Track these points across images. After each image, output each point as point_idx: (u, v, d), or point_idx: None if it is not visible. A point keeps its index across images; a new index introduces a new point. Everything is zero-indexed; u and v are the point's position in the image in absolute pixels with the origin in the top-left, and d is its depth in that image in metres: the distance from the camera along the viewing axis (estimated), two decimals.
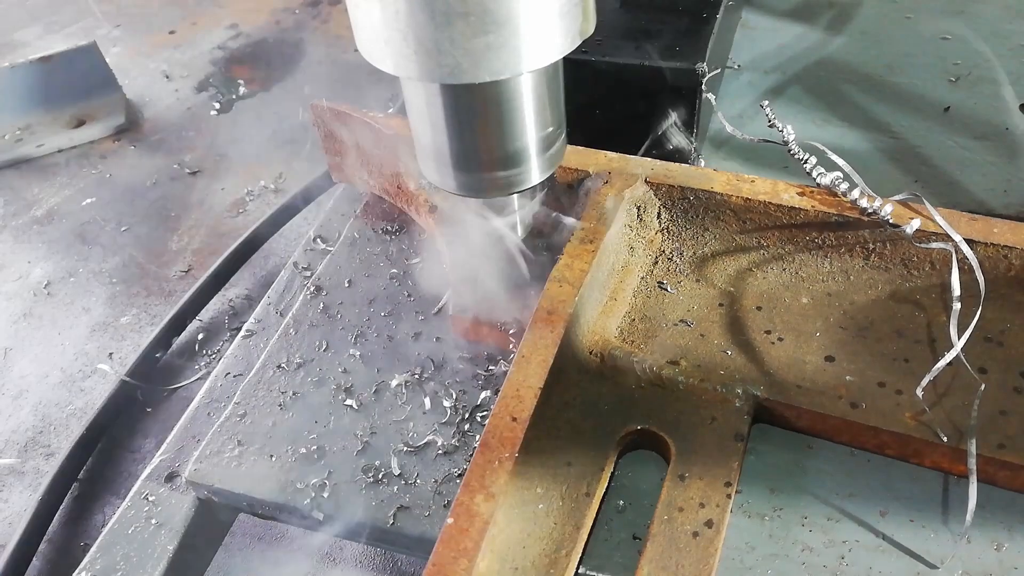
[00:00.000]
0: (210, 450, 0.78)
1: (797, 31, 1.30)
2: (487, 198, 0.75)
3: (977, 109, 1.12)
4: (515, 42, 0.58)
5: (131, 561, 0.75)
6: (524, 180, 0.72)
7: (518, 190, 0.73)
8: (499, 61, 0.59)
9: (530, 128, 0.68)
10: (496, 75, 0.60)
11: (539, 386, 0.68)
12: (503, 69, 0.59)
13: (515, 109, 0.66)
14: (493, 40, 0.57)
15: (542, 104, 0.68)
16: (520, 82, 0.65)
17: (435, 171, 0.72)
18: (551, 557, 0.64)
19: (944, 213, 0.77)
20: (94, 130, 1.93)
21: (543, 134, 0.70)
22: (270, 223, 1.53)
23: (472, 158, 0.70)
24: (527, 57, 0.59)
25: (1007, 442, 0.67)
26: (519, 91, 0.66)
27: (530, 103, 0.67)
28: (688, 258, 0.85)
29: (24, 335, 1.48)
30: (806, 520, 0.68)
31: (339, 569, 1.10)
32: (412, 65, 0.59)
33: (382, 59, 0.61)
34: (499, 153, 0.69)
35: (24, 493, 1.23)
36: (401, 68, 0.60)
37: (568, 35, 0.61)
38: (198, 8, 2.39)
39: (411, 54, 0.58)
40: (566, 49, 0.62)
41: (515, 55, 0.59)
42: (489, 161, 0.70)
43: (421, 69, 0.59)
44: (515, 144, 0.69)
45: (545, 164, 0.72)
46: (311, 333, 0.88)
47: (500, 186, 0.72)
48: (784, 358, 0.76)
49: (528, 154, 0.70)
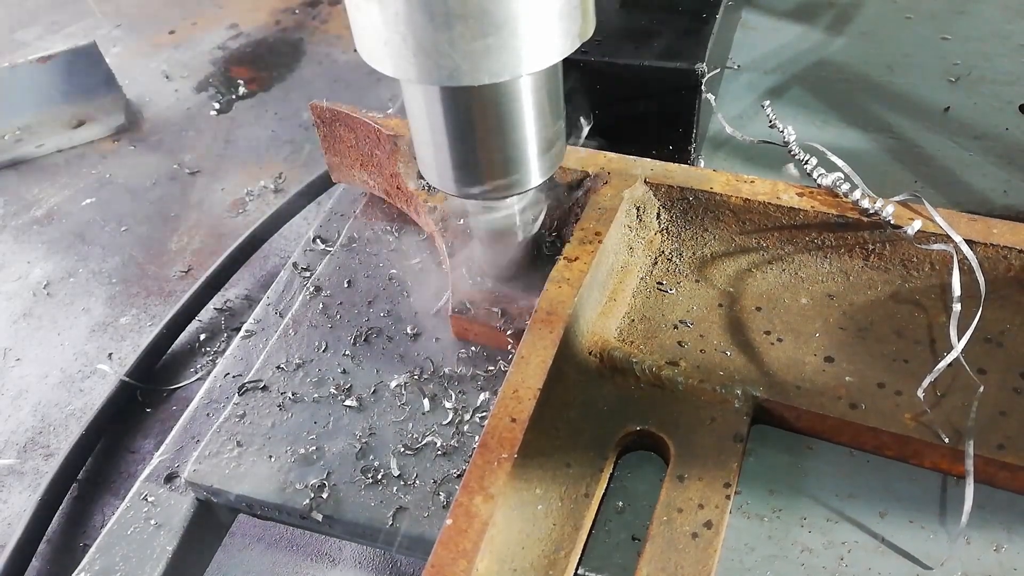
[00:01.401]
0: (209, 451, 0.78)
1: (797, 31, 1.30)
2: (487, 200, 0.75)
3: (977, 109, 1.12)
4: (514, 44, 0.58)
5: (130, 562, 0.75)
6: (524, 182, 0.72)
7: (518, 192, 0.74)
8: (498, 63, 0.59)
9: (529, 130, 0.68)
10: (495, 77, 0.60)
11: (538, 387, 0.68)
12: (502, 71, 0.60)
13: (514, 111, 0.67)
14: (492, 42, 0.57)
15: (541, 106, 0.68)
16: (519, 84, 0.65)
17: (435, 173, 0.73)
18: (550, 558, 0.64)
19: (944, 213, 0.77)
20: (94, 130, 1.93)
21: (542, 136, 0.70)
22: (270, 223, 1.53)
23: (471, 160, 0.70)
24: (526, 59, 0.60)
25: (1007, 443, 0.67)
26: (518, 93, 0.66)
27: (529, 105, 0.67)
28: (687, 259, 0.85)
29: (24, 335, 1.48)
30: (805, 521, 0.68)
31: (338, 569, 1.10)
32: (411, 67, 0.59)
33: (381, 61, 0.61)
34: (498, 155, 0.69)
35: (24, 493, 1.23)
36: (400, 70, 0.60)
37: (567, 37, 0.61)
38: (198, 8, 2.39)
39: (410, 56, 0.59)
40: (565, 51, 0.62)
41: (514, 57, 0.59)
42: (488, 163, 0.70)
43: (420, 71, 0.59)
44: (514, 146, 0.69)
45: (545, 166, 0.72)
46: (310, 333, 0.88)
47: (500, 188, 0.72)
48: (783, 359, 0.75)
49: (528, 156, 0.70)
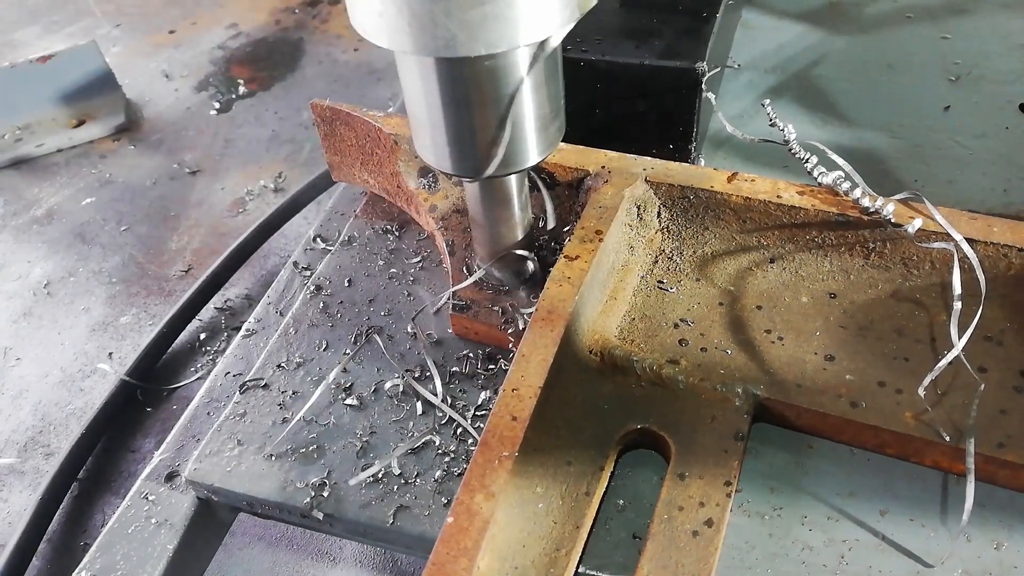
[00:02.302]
0: (210, 449, 0.78)
1: (797, 30, 1.30)
2: (483, 178, 0.72)
3: (977, 108, 1.12)
4: (512, 14, 0.56)
5: (131, 561, 0.75)
6: (521, 160, 0.70)
7: (515, 171, 0.71)
8: (495, 33, 0.57)
9: (527, 106, 0.66)
10: (492, 48, 0.57)
11: (539, 385, 0.68)
12: (499, 42, 0.57)
13: (512, 85, 0.64)
14: (489, 11, 0.55)
15: (539, 80, 0.65)
16: (517, 56, 0.62)
17: (431, 151, 0.70)
18: (551, 556, 0.64)
19: (944, 212, 0.77)
20: (94, 130, 1.93)
21: (540, 113, 0.68)
22: (270, 223, 1.53)
23: (468, 137, 0.68)
24: (524, 30, 0.57)
25: (1007, 441, 0.67)
26: (516, 66, 0.63)
27: (527, 79, 0.64)
28: (688, 257, 0.85)
29: (24, 335, 1.48)
30: (806, 519, 0.68)
31: (339, 568, 1.10)
32: (406, 38, 0.57)
33: (376, 33, 0.59)
34: (495, 132, 0.67)
35: (24, 493, 1.23)
36: (396, 42, 0.58)
37: (566, 8, 0.59)
38: (198, 8, 2.39)
39: (405, 27, 0.56)
40: (565, 23, 0.60)
41: (512, 27, 0.57)
42: (485, 140, 0.67)
43: (415, 42, 0.57)
44: (512, 122, 0.66)
45: (543, 144, 0.70)
46: (311, 333, 0.88)
47: (496, 166, 0.69)
48: (784, 357, 0.76)
49: (525, 133, 0.68)
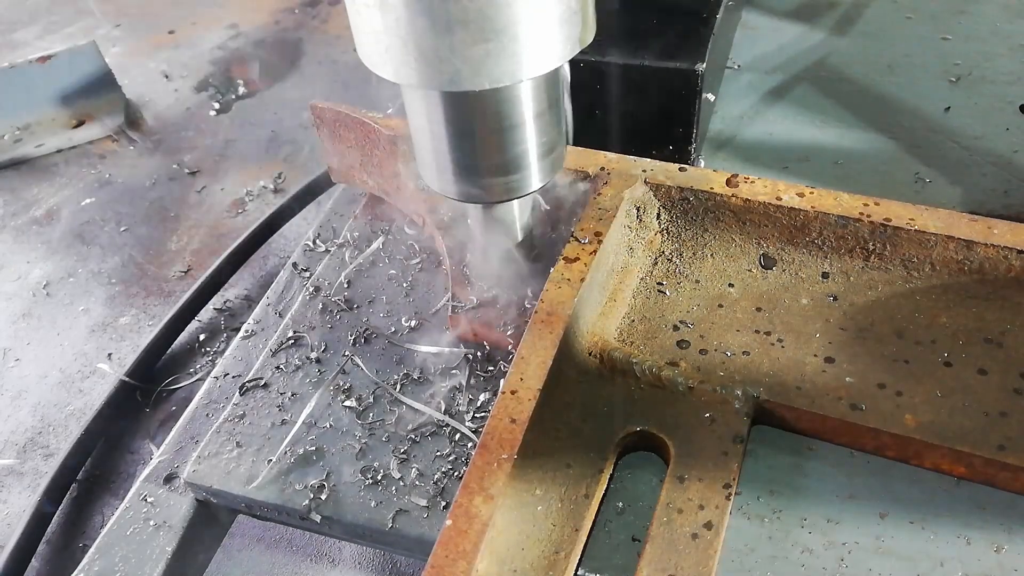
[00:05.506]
0: (209, 451, 0.78)
1: (797, 31, 1.30)
2: (487, 204, 0.75)
3: (977, 109, 1.12)
4: (514, 49, 0.58)
5: (130, 562, 0.74)
6: (524, 186, 0.72)
7: (518, 196, 0.74)
8: (499, 68, 0.59)
9: (530, 134, 0.68)
10: (496, 82, 0.60)
11: (538, 387, 0.68)
12: (503, 76, 0.59)
13: (515, 116, 0.67)
14: (493, 48, 0.57)
15: (542, 110, 0.68)
16: (520, 89, 0.65)
17: (435, 177, 0.73)
18: (550, 559, 0.64)
19: (944, 214, 0.77)
20: (94, 130, 1.92)
21: (543, 140, 0.70)
22: (269, 223, 1.52)
23: (472, 164, 0.70)
24: (527, 64, 0.60)
25: (1007, 443, 0.67)
26: (519, 98, 0.66)
27: (530, 110, 0.67)
28: (688, 259, 0.85)
29: (23, 335, 1.47)
30: (805, 522, 0.68)
31: (338, 570, 1.10)
32: (412, 72, 0.59)
33: (382, 66, 0.61)
34: (499, 160, 0.69)
35: (23, 494, 1.23)
36: (401, 75, 0.60)
37: (568, 42, 0.61)
38: (198, 8, 2.39)
39: (411, 61, 0.59)
40: (566, 56, 0.62)
41: (515, 62, 0.59)
42: (488, 167, 0.70)
43: (421, 76, 0.59)
44: (515, 150, 0.69)
45: (545, 170, 0.73)
46: (310, 334, 0.87)
47: (499, 192, 0.72)
48: (784, 359, 0.75)
49: (528, 160, 0.70)
